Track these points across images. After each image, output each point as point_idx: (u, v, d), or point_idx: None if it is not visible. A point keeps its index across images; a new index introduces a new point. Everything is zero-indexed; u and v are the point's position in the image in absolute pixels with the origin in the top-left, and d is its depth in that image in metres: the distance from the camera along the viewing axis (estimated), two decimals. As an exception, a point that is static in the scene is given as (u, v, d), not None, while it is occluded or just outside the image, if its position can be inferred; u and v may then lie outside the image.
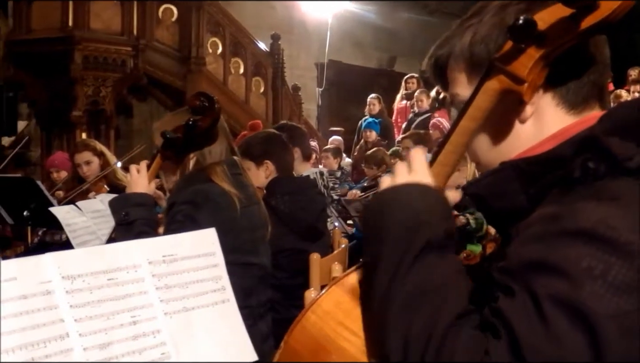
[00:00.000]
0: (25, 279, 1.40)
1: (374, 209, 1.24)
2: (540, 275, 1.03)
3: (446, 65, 1.40)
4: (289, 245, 3.56)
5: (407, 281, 1.13)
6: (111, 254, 1.56)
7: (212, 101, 2.59)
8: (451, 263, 1.17)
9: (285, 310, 3.45)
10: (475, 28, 1.32)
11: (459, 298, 1.12)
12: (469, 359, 1.03)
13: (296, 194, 3.72)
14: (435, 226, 1.17)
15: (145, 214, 2.61)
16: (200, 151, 2.71)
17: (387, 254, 1.17)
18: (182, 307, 1.63)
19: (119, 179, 5.31)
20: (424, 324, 1.08)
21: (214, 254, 1.74)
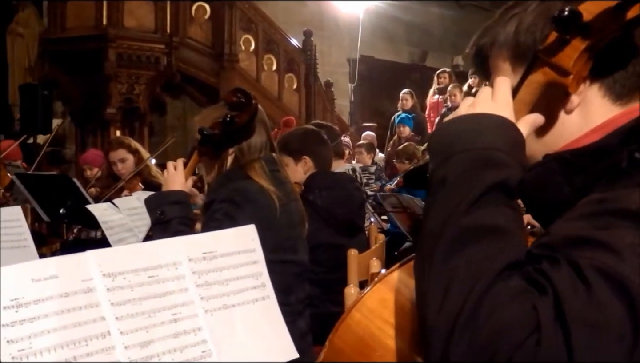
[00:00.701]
0: (67, 277, 1.40)
1: (445, 135, 1.18)
2: (585, 249, 1.01)
3: (489, 54, 1.37)
4: (326, 240, 3.55)
5: (466, 217, 1.06)
6: (151, 251, 1.55)
7: (249, 97, 2.57)
8: (515, 211, 1.11)
9: (323, 305, 3.44)
10: (520, 17, 1.31)
11: (516, 246, 1.07)
12: (516, 310, 0.98)
13: (334, 190, 3.71)
14: (511, 168, 1.11)
15: (182, 212, 2.60)
16: (239, 147, 2.69)
17: (450, 186, 1.11)
18: (222, 304, 1.62)
19: (153, 176, 5.32)
20: (473, 264, 1.03)
21: (254, 250, 1.73)
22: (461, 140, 1.14)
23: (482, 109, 1.18)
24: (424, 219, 1.13)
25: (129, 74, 9.92)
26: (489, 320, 0.98)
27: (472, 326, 0.98)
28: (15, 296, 1.32)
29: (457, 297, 1.01)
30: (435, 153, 1.17)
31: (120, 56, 9.78)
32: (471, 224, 1.06)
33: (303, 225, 2.81)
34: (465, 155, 1.12)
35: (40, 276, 1.37)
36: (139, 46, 9.91)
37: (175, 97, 10.95)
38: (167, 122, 11.03)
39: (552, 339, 0.95)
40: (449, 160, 1.13)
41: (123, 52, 9.79)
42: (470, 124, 1.16)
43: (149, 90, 10.21)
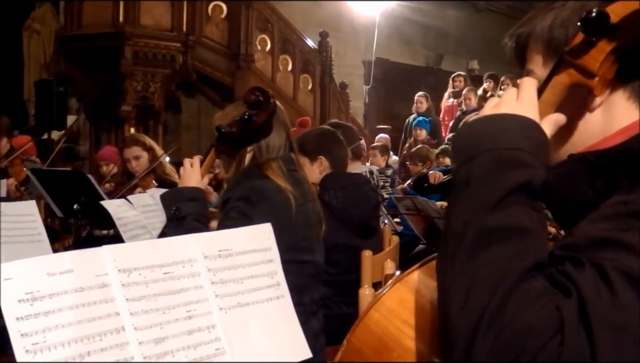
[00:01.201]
0: (82, 271, 1.40)
1: (470, 135, 1.17)
2: (608, 250, 1.01)
3: (526, 44, 1.37)
4: (341, 241, 3.54)
5: (490, 217, 1.06)
6: (167, 248, 1.54)
7: (268, 96, 2.57)
8: (539, 212, 1.10)
9: (336, 307, 3.43)
10: (557, 11, 1.31)
11: (540, 247, 1.06)
12: (540, 311, 0.98)
13: (350, 190, 3.70)
14: (535, 169, 1.10)
15: (197, 209, 2.59)
16: (257, 146, 2.68)
17: (474, 186, 1.10)
18: (237, 303, 1.61)
19: (167, 174, 5.33)
20: (497, 264, 1.02)
21: (269, 249, 1.72)
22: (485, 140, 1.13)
23: (507, 110, 1.17)
24: (447, 218, 1.12)
25: (145, 72, 9.95)
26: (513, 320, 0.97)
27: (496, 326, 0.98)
28: (31, 290, 1.32)
29: (480, 296, 1.00)
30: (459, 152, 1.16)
31: (136, 54, 9.81)
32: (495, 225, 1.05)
33: (320, 226, 2.79)
34: (489, 155, 1.11)
35: (55, 270, 1.36)
36: (155, 44, 9.93)
37: (190, 96, 10.97)
38: (181, 121, 11.05)
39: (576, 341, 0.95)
40: (473, 160, 1.12)
41: (139, 50, 9.82)
42: (495, 124, 1.15)
43: (164, 88, 10.23)
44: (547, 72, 1.25)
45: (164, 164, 5.38)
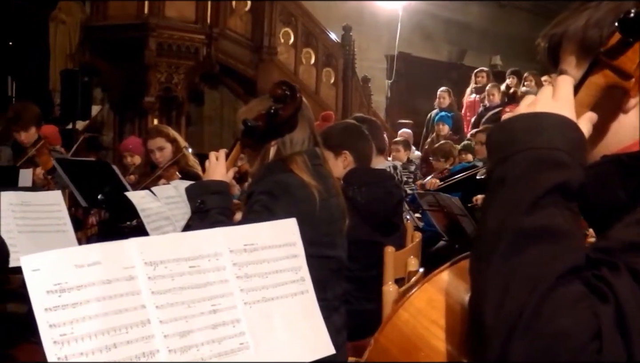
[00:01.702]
0: (109, 264, 1.40)
1: (505, 133, 1.15)
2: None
3: (559, 44, 1.35)
4: (363, 236, 3.52)
5: (526, 218, 1.04)
6: (193, 241, 1.55)
7: (294, 90, 2.56)
8: (575, 214, 1.09)
9: (358, 302, 3.43)
10: (591, 11, 1.29)
11: (576, 250, 1.04)
12: (577, 316, 0.97)
13: (373, 186, 3.68)
14: (573, 170, 1.08)
15: (221, 202, 2.59)
16: (282, 140, 2.68)
17: (510, 186, 1.09)
18: (261, 297, 1.62)
19: (190, 166, 5.35)
20: (533, 267, 1.01)
21: (294, 244, 1.73)
22: (521, 139, 1.11)
23: (543, 108, 1.16)
24: (482, 217, 1.11)
25: (169, 63, 9.97)
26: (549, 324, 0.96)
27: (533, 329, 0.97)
28: (59, 281, 1.33)
29: (517, 299, 0.99)
30: (494, 151, 1.15)
31: (161, 46, 9.83)
32: (531, 226, 1.04)
33: (343, 221, 2.78)
34: (525, 154, 1.09)
35: (83, 262, 1.37)
36: (179, 35, 9.94)
37: (213, 87, 10.99)
38: (204, 113, 11.08)
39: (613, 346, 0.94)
40: (509, 159, 1.10)
41: (163, 41, 9.83)
42: (531, 122, 1.14)
43: (188, 80, 10.25)
44: (580, 73, 1.23)
45: (187, 156, 5.39)
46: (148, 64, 9.80)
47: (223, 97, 11.10)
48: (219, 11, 10.20)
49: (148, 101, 9.94)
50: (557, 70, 1.37)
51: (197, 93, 10.82)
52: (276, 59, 10.84)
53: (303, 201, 2.57)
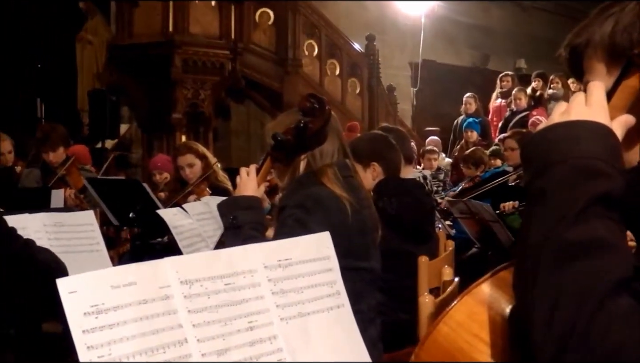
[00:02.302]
0: (145, 284, 1.40)
1: (541, 144, 1.13)
2: None
3: (583, 54, 1.33)
4: (396, 247, 3.50)
5: (570, 231, 1.02)
6: (228, 258, 1.54)
7: (323, 103, 2.55)
8: (619, 224, 1.06)
9: (392, 313, 3.40)
10: (617, 17, 1.26)
11: (623, 262, 1.02)
12: (629, 330, 0.95)
13: (404, 196, 3.66)
14: (613, 178, 1.06)
15: (254, 218, 2.58)
16: (311, 153, 2.67)
17: (551, 198, 1.06)
18: (297, 312, 1.61)
19: (220, 181, 5.35)
20: (581, 281, 0.98)
21: (328, 258, 1.72)
22: (558, 149, 1.09)
23: (577, 116, 1.13)
24: (524, 231, 1.09)
25: (195, 79, 10.03)
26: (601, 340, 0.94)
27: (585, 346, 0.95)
28: (95, 303, 1.33)
29: (566, 315, 0.97)
30: (530, 162, 1.13)
31: (186, 62, 9.90)
32: (576, 239, 1.02)
33: (376, 232, 2.77)
34: (564, 165, 1.07)
35: (119, 282, 1.37)
36: (204, 51, 10.01)
37: (239, 102, 11.04)
38: (231, 127, 11.13)
39: None
40: (547, 170, 1.08)
41: (189, 58, 9.91)
42: (567, 131, 1.11)
43: (214, 95, 10.30)
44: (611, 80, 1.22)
45: (217, 171, 5.40)
46: (174, 81, 9.88)
47: (249, 111, 11.14)
48: (242, 26, 10.26)
49: (175, 118, 10.00)
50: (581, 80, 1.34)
51: (223, 108, 10.87)
52: (301, 71, 10.87)
53: (335, 214, 2.56)
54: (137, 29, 10.07)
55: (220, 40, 10.14)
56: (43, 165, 5.81)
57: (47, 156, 5.70)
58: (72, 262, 2.84)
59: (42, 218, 2.89)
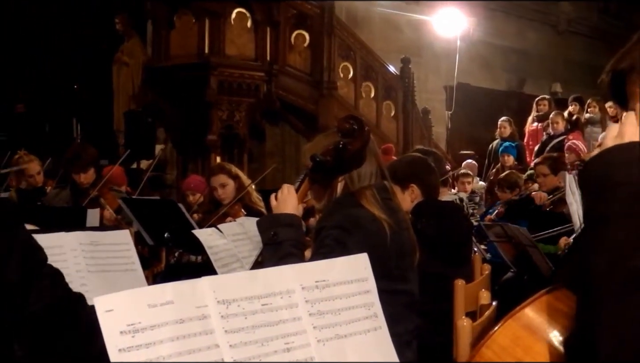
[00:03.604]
0: (182, 303, 1.40)
1: (599, 168, 1.11)
2: None
3: (627, 79, 1.30)
4: (433, 269, 3.47)
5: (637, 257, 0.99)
6: (265, 279, 1.54)
7: (362, 124, 2.55)
8: None
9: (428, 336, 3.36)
10: None
11: None
12: None
13: (442, 218, 3.65)
14: None
15: (294, 235, 2.57)
16: (349, 175, 2.66)
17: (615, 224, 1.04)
18: (334, 334, 1.60)
19: (253, 202, 5.37)
20: None
21: (366, 280, 1.70)
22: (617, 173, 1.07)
23: (632, 137, 1.12)
24: (587, 258, 1.06)
25: (230, 101, 10.07)
26: None
27: None
28: (132, 322, 1.33)
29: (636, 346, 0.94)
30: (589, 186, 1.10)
31: (222, 84, 9.94)
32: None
33: (414, 255, 2.74)
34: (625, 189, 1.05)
35: (156, 301, 1.37)
36: (239, 73, 10.05)
37: (274, 124, 11.07)
38: (266, 149, 11.15)
39: None
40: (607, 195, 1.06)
41: (224, 79, 9.95)
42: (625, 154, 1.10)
43: (249, 117, 10.33)
44: None
45: (251, 193, 5.42)
46: (210, 103, 9.92)
47: (284, 133, 11.16)
48: (278, 48, 10.30)
49: (210, 139, 10.04)
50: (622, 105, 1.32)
51: (258, 130, 10.90)
52: (336, 94, 10.87)
53: (374, 235, 2.54)
54: (173, 51, 10.16)
55: (256, 62, 10.18)
56: (72, 185, 5.77)
57: (78, 176, 5.63)
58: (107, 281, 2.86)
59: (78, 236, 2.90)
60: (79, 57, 12.35)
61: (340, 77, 11.13)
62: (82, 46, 12.28)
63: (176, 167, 11.01)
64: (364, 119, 2.61)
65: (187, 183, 6.73)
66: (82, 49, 12.27)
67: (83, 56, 12.28)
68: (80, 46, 12.31)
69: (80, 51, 12.31)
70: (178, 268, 5.18)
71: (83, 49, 12.27)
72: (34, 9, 12.36)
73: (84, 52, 12.26)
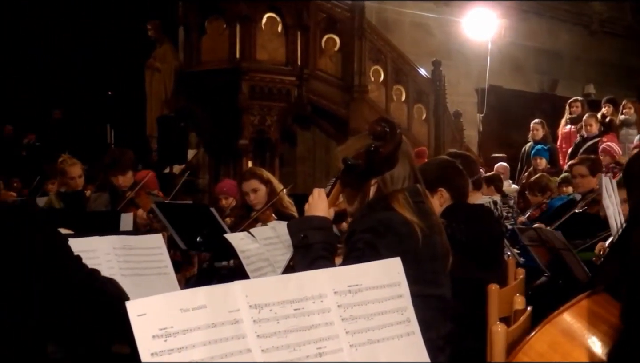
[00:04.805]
0: (214, 307, 1.40)
1: None
2: None
3: None
4: (465, 273, 3.42)
5: None
6: (297, 283, 1.53)
7: (394, 127, 2.52)
8: None
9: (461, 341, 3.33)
10: None
11: None
12: None
13: (473, 222, 3.60)
14: None
15: (325, 238, 2.56)
16: (382, 178, 2.64)
17: None
18: (367, 339, 1.59)
19: (285, 207, 5.36)
20: None
21: (399, 284, 1.69)
22: None
23: None
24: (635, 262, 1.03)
25: (261, 106, 10.11)
26: None
27: None
28: (164, 326, 1.33)
29: None
30: None
31: (253, 88, 9.99)
32: None
33: (447, 259, 2.71)
34: None
35: (188, 306, 1.37)
36: (270, 78, 10.09)
37: (305, 128, 11.09)
38: (297, 153, 11.17)
39: None
40: None
41: (255, 84, 10.00)
42: None
43: (280, 121, 10.37)
44: None
45: (282, 197, 5.42)
46: (241, 108, 9.97)
47: (315, 138, 11.18)
48: (308, 52, 10.33)
49: (242, 144, 10.08)
50: None
51: (289, 134, 10.93)
52: (367, 97, 10.87)
53: (406, 239, 2.52)
54: (205, 56, 10.23)
55: (287, 67, 10.22)
56: (111, 189, 5.88)
57: (117, 179, 5.76)
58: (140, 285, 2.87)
59: (111, 240, 2.92)
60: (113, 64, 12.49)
61: (371, 80, 11.12)
62: (115, 53, 12.41)
63: (208, 171, 11.08)
64: (396, 122, 2.59)
65: (220, 187, 6.76)
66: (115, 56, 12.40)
67: (116, 62, 12.41)
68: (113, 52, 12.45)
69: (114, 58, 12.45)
70: (210, 272, 5.20)
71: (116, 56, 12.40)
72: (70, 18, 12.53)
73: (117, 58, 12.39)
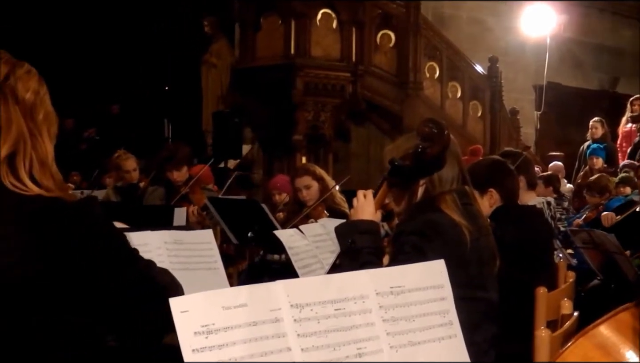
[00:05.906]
0: (256, 306, 1.42)
1: None
2: None
3: None
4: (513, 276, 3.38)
5: None
6: (339, 283, 1.54)
7: (442, 128, 2.50)
8: None
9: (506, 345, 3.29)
10: None
11: None
12: None
13: (522, 224, 3.55)
14: None
15: (372, 242, 2.55)
16: (430, 179, 2.63)
17: None
18: (408, 341, 1.59)
19: (337, 204, 5.37)
20: None
21: (442, 287, 1.68)
22: None
23: None
24: None
25: (315, 102, 10.13)
26: None
27: None
28: (206, 323, 1.35)
29: None
30: None
31: (307, 85, 10.02)
32: None
33: (494, 262, 2.68)
34: None
35: (230, 304, 1.39)
36: (325, 74, 10.11)
37: (359, 124, 11.07)
38: (351, 150, 11.16)
39: None
40: None
41: (310, 80, 10.03)
42: None
43: (334, 117, 10.38)
44: None
45: (335, 194, 5.43)
46: (296, 103, 10.02)
47: (369, 134, 11.15)
48: (363, 48, 10.31)
49: (296, 139, 10.13)
50: None
51: (343, 130, 10.93)
52: (422, 94, 10.80)
53: (454, 242, 2.50)
54: (260, 52, 10.30)
55: (341, 63, 10.22)
56: (167, 183, 5.98)
57: (172, 174, 5.86)
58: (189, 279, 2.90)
59: (162, 235, 2.96)
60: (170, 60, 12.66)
61: (426, 77, 11.05)
62: (173, 49, 12.58)
63: (262, 167, 11.15)
64: (445, 121, 2.57)
65: (274, 182, 6.80)
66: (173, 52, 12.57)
67: (173, 58, 12.57)
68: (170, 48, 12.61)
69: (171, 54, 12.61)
70: (261, 267, 5.25)
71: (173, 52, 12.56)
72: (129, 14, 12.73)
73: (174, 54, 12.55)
